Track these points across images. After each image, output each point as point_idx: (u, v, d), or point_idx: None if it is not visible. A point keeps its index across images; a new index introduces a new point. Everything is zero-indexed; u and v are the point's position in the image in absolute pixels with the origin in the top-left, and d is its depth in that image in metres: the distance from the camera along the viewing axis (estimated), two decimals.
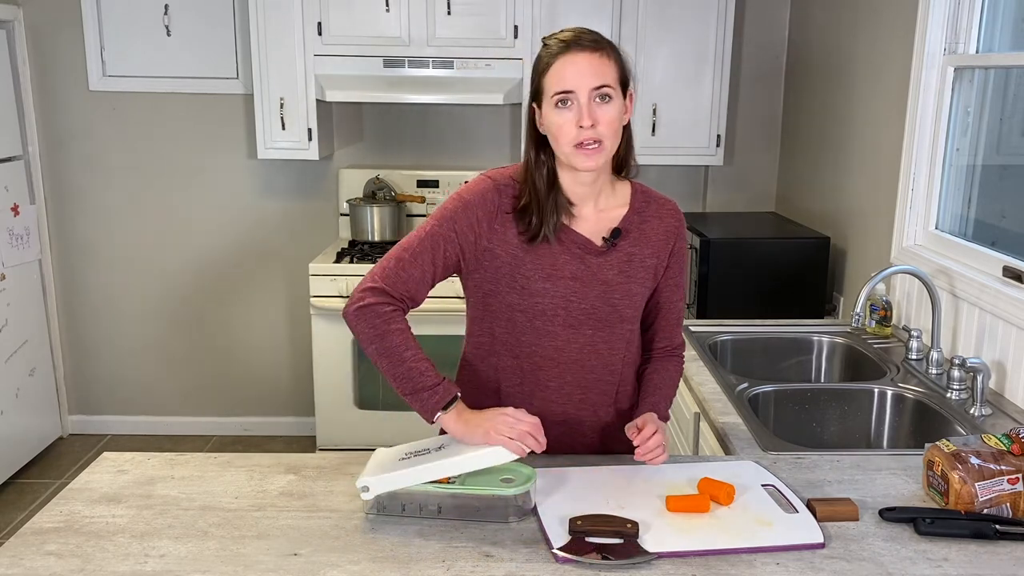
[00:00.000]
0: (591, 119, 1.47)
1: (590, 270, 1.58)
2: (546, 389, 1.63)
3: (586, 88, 1.47)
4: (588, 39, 1.49)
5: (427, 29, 3.49)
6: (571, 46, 1.48)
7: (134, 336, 4.13)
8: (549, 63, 1.50)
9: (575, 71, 1.47)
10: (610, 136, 1.50)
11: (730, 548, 1.33)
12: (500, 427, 1.43)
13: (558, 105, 1.49)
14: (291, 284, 4.07)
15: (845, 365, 2.54)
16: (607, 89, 1.48)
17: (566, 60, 1.48)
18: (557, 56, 1.49)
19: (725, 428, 1.87)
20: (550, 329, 1.59)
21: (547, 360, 1.61)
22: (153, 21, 3.80)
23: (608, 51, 1.50)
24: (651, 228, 1.63)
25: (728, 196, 3.94)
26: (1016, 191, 2.31)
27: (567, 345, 1.60)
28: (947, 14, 2.42)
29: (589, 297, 1.58)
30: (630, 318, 1.64)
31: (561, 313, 1.58)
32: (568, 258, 1.57)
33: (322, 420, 3.64)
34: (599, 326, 1.60)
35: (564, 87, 1.47)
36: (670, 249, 1.65)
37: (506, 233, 1.56)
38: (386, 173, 3.94)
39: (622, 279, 1.60)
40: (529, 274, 1.56)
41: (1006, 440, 1.49)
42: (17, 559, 1.31)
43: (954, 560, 1.32)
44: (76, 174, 3.97)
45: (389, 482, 1.41)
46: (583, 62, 1.47)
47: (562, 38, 1.50)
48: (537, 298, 1.57)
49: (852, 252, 3.02)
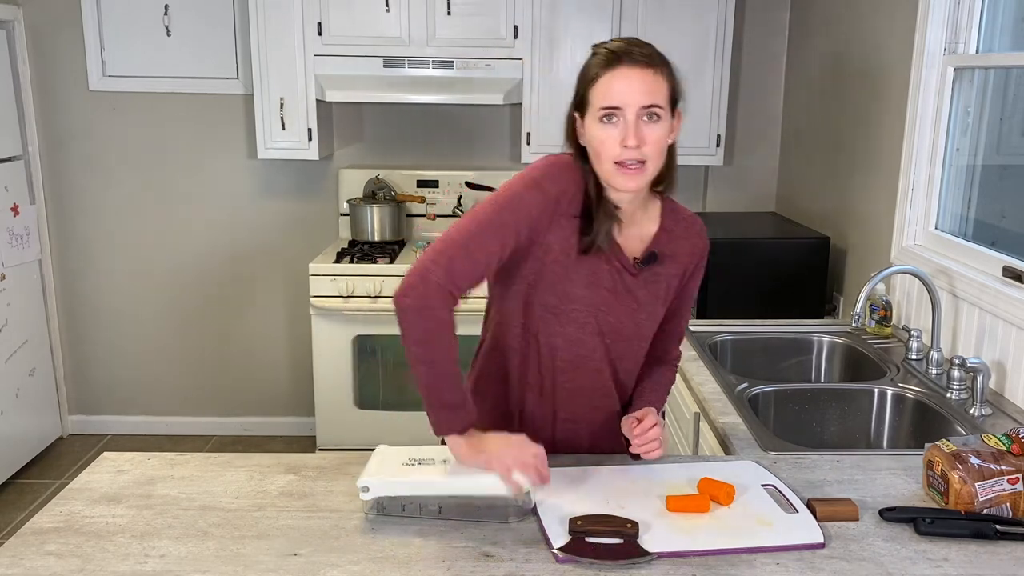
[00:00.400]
0: (636, 139, 1.40)
1: (625, 285, 1.56)
2: (563, 391, 1.63)
3: (635, 106, 1.40)
4: (641, 53, 1.41)
5: (427, 29, 3.49)
6: (623, 59, 1.41)
7: (134, 336, 4.13)
8: (598, 75, 1.43)
9: (625, 87, 1.40)
10: (654, 157, 1.43)
11: (730, 548, 1.33)
12: (503, 457, 1.40)
13: (603, 120, 1.42)
14: (291, 284, 4.07)
15: (845, 365, 2.54)
16: (657, 109, 1.41)
17: (617, 74, 1.40)
18: (607, 68, 1.42)
19: (725, 428, 1.87)
20: (580, 337, 1.57)
21: (569, 364, 1.59)
22: (153, 21, 3.80)
23: (661, 68, 1.42)
24: (679, 248, 1.61)
25: (728, 196, 3.94)
26: (1016, 191, 2.31)
27: (591, 353, 1.59)
28: (947, 14, 2.42)
29: (618, 311, 1.57)
30: (647, 336, 1.64)
31: (592, 322, 1.56)
32: (609, 269, 1.54)
33: (322, 420, 3.64)
34: (620, 339, 1.60)
35: (611, 103, 1.41)
36: (692, 269, 1.64)
37: (565, 227, 1.49)
38: (386, 173, 3.94)
39: (651, 300, 1.59)
40: (573, 278, 1.52)
41: (1006, 440, 1.49)
42: (17, 559, 1.31)
43: (954, 560, 1.32)
44: (76, 174, 3.97)
45: (389, 487, 1.41)
46: (635, 78, 1.40)
47: (613, 48, 1.43)
48: (575, 304, 1.54)
49: (852, 252, 3.02)
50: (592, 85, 1.43)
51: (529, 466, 1.40)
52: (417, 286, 1.41)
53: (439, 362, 1.43)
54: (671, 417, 2.53)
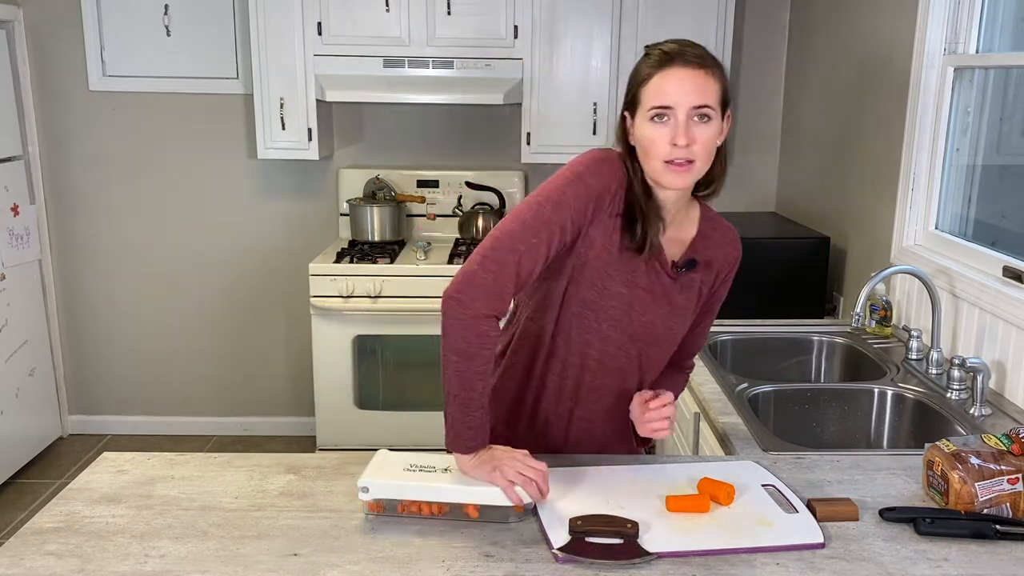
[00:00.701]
0: (687, 138, 1.41)
1: (663, 288, 1.56)
2: (587, 390, 1.62)
3: (686, 105, 1.41)
4: (693, 54, 1.42)
5: (427, 29, 3.49)
6: (675, 59, 1.41)
7: (134, 336, 4.13)
8: (650, 75, 1.43)
9: (677, 86, 1.41)
10: (703, 157, 1.44)
11: (730, 548, 1.33)
12: (506, 470, 1.40)
13: (654, 119, 1.43)
14: (291, 284, 4.07)
15: (845, 365, 2.54)
16: (707, 109, 1.42)
17: (669, 74, 1.41)
18: (659, 69, 1.42)
19: (725, 428, 1.87)
20: (612, 335, 1.56)
21: (596, 363, 1.59)
22: (153, 21, 3.80)
23: (713, 69, 1.43)
24: (714, 255, 1.61)
25: (728, 196, 3.89)
26: (1016, 191, 2.31)
27: (618, 352, 1.58)
28: (947, 14, 2.42)
29: (652, 313, 1.56)
30: (676, 341, 1.64)
31: (625, 321, 1.55)
32: (647, 269, 1.54)
33: (322, 420, 3.64)
34: (651, 342, 1.59)
35: (663, 102, 1.41)
36: (724, 276, 1.64)
37: (607, 224, 1.49)
38: (386, 173, 3.94)
39: (684, 304, 1.59)
40: (613, 275, 1.51)
41: (1006, 440, 1.49)
42: (17, 559, 1.31)
43: (954, 560, 1.32)
44: (76, 174, 3.97)
45: (389, 488, 1.41)
46: (687, 78, 1.41)
47: (666, 49, 1.43)
48: (612, 301, 1.53)
49: (852, 252, 3.02)
50: (644, 85, 1.44)
51: (530, 482, 1.40)
52: (465, 290, 1.40)
53: (472, 380, 1.42)
54: None
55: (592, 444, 1.68)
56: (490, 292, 1.40)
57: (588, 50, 3.53)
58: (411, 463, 1.49)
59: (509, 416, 1.68)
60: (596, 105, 3.56)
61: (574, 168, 1.48)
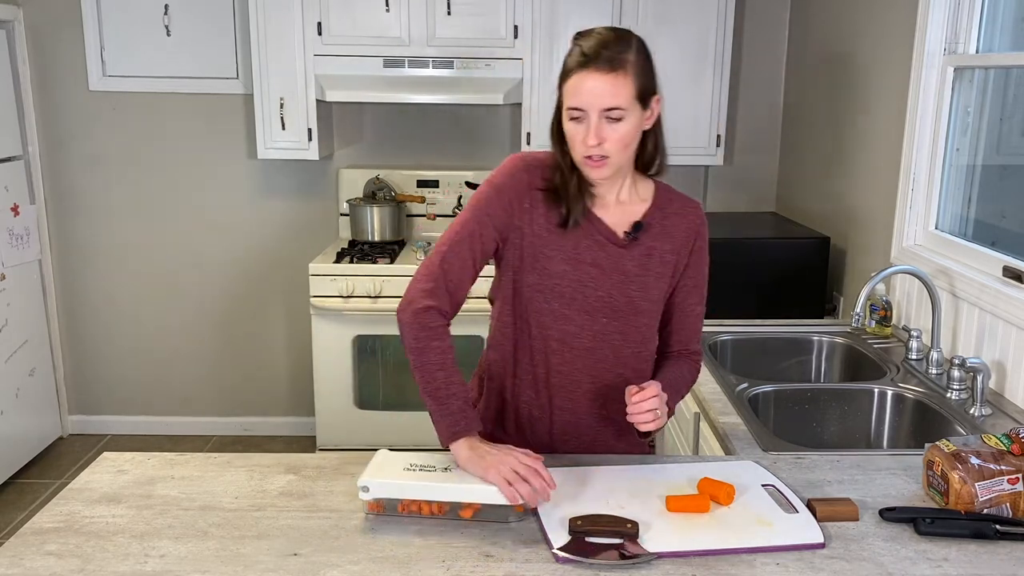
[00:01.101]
0: (597, 138, 1.48)
1: (611, 259, 1.60)
2: (558, 375, 1.64)
3: (597, 108, 1.48)
4: (607, 56, 1.47)
5: (427, 29, 3.49)
6: (589, 63, 1.47)
7: (134, 336, 4.13)
8: (568, 73, 1.51)
9: (588, 91, 1.47)
10: (616, 152, 1.51)
11: (730, 548, 1.33)
12: (503, 468, 1.41)
13: (571, 118, 1.51)
14: (291, 284, 4.07)
15: (845, 365, 2.54)
16: (617, 111, 1.48)
17: (582, 77, 1.48)
18: (575, 70, 1.49)
19: (725, 428, 1.87)
20: (566, 313, 1.60)
21: (561, 344, 1.62)
22: (153, 21, 3.80)
23: (626, 69, 1.48)
24: (673, 225, 1.65)
25: (728, 196, 3.94)
26: (1016, 191, 2.31)
27: (581, 331, 1.61)
28: (947, 14, 2.42)
29: (606, 285, 1.60)
30: (646, 311, 1.64)
31: (579, 298, 1.60)
32: (590, 244, 1.59)
33: (322, 420, 3.64)
34: (614, 316, 1.62)
35: (576, 104, 1.49)
36: (691, 247, 1.66)
37: (534, 212, 1.59)
38: (386, 173, 3.94)
39: (640, 271, 1.61)
40: (551, 255, 1.59)
41: (1006, 440, 1.49)
42: (17, 559, 1.31)
43: (954, 560, 1.32)
44: (76, 174, 3.97)
45: (389, 488, 1.42)
46: (597, 83, 1.47)
47: (585, 49, 1.49)
48: (556, 280, 1.59)
49: (852, 252, 3.02)
50: (564, 82, 1.52)
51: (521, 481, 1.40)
52: (407, 294, 1.57)
53: (431, 371, 1.51)
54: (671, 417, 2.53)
55: (580, 439, 1.68)
56: (426, 289, 1.54)
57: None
58: (411, 463, 1.49)
59: (497, 415, 1.72)
60: None
61: (491, 178, 1.61)
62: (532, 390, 1.67)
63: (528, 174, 1.60)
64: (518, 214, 1.59)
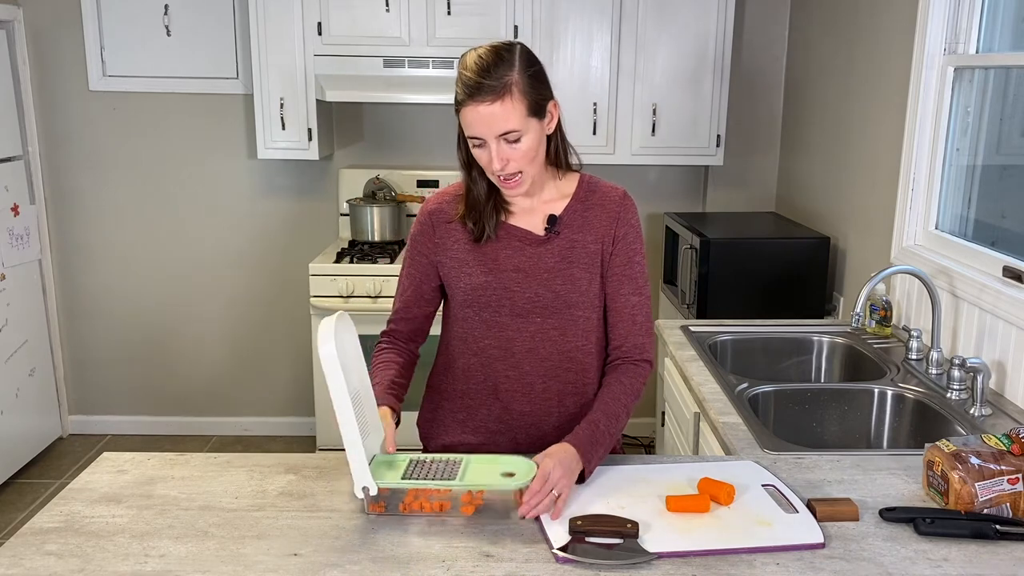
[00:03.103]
0: (501, 161, 1.53)
1: (531, 260, 1.63)
2: (506, 380, 1.68)
3: (492, 135, 1.51)
4: (488, 87, 1.48)
5: (427, 29, 3.49)
6: (473, 95, 1.49)
7: (134, 336, 4.13)
8: (460, 104, 1.52)
9: (480, 121, 1.50)
10: (526, 165, 1.55)
11: (730, 548, 1.33)
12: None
13: (474, 146, 1.55)
14: (291, 284, 4.07)
15: (845, 365, 2.54)
16: (513, 133, 1.51)
17: (471, 109, 1.50)
18: (464, 103, 1.51)
19: (725, 428, 1.87)
20: (498, 320, 1.65)
21: (501, 351, 1.67)
22: (153, 21, 3.80)
23: (511, 92, 1.49)
24: (594, 215, 1.66)
25: (728, 196, 3.94)
26: (1016, 191, 2.31)
27: (517, 335, 1.65)
28: (947, 14, 2.42)
29: (532, 286, 1.63)
30: (578, 304, 1.65)
31: (507, 304, 1.64)
32: (509, 252, 1.64)
33: (322, 420, 3.64)
34: (547, 313, 1.64)
35: (472, 134, 1.53)
36: (613, 235, 1.65)
37: (447, 241, 1.67)
38: (386, 173, 3.94)
39: (564, 265, 1.64)
40: (472, 271, 1.64)
41: (1006, 440, 1.49)
42: (17, 559, 1.31)
43: (954, 560, 1.32)
44: (76, 174, 3.97)
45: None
46: (485, 113, 1.49)
47: (467, 81, 1.50)
48: (480, 292, 1.64)
49: (852, 252, 3.02)
50: (458, 112, 1.54)
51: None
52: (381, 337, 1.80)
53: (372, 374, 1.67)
54: (671, 417, 2.53)
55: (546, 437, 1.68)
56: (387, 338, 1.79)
57: (588, 50, 3.53)
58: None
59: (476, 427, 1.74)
60: (596, 105, 3.56)
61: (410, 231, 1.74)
62: (491, 400, 1.70)
63: (431, 217, 1.68)
64: (435, 252, 1.68)
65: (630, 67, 3.54)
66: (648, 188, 3.97)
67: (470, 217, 1.64)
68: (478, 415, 1.72)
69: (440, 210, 1.69)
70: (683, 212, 3.77)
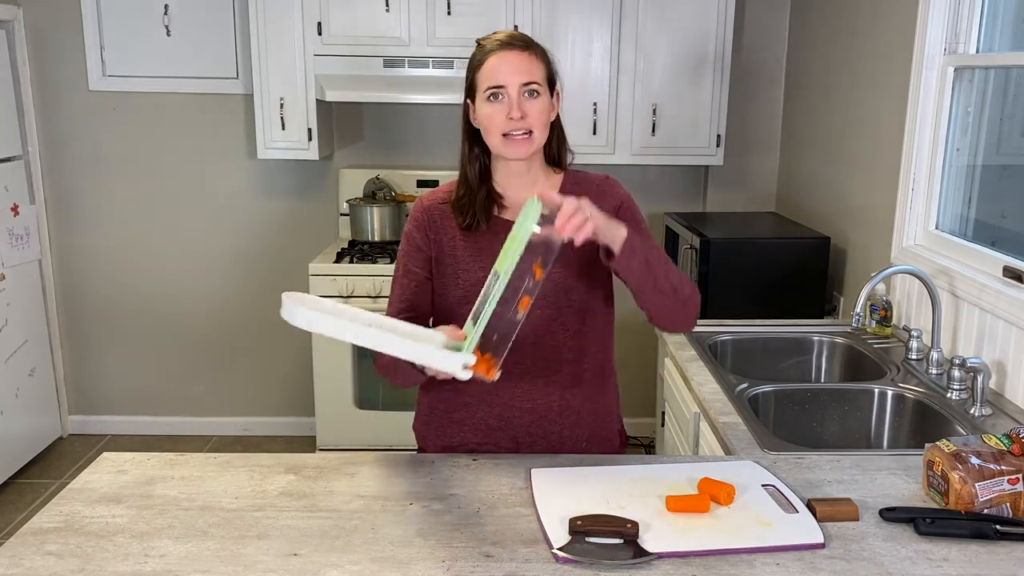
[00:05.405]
0: (520, 111, 1.58)
1: None
2: (507, 376, 1.64)
3: (516, 83, 1.58)
4: (519, 39, 1.62)
5: (427, 29, 3.49)
6: (504, 45, 1.61)
7: (134, 336, 4.13)
8: (483, 60, 1.62)
9: (507, 68, 1.59)
10: (538, 127, 1.61)
11: (730, 548, 1.33)
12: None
13: (490, 99, 1.60)
14: (291, 284, 4.06)
15: (845, 365, 2.54)
16: (535, 85, 1.60)
17: (499, 57, 1.60)
18: (490, 54, 1.61)
19: (725, 428, 1.87)
20: None
21: None
22: (153, 21, 3.80)
23: (537, 51, 1.63)
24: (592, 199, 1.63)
25: (728, 196, 3.94)
26: (1016, 191, 2.31)
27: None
28: (947, 14, 2.42)
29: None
30: (573, 288, 1.66)
31: None
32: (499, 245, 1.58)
33: (322, 420, 3.64)
34: (545, 304, 1.63)
35: (496, 82, 1.59)
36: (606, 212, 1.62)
37: (442, 237, 1.69)
38: (386, 173, 3.94)
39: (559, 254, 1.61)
40: (464, 264, 1.66)
41: (1006, 440, 1.49)
42: (17, 559, 1.31)
43: (954, 560, 1.32)
44: (76, 174, 3.97)
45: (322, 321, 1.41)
46: (514, 60, 1.59)
47: (496, 38, 1.63)
48: (473, 285, 1.62)
49: (852, 252, 3.02)
50: (478, 70, 1.63)
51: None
52: None
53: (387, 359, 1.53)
54: (671, 417, 2.53)
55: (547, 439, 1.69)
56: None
57: (588, 50, 3.53)
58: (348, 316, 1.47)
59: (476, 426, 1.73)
60: (596, 105, 3.56)
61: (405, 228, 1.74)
62: (485, 406, 1.69)
63: (425, 208, 1.71)
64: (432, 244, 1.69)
65: (630, 67, 3.54)
66: (648, 188, 3.97)
67: (462, 202, 1.66)
68: (477, 414, 1.72)
69: (434, 206, 1.72)
70: (683, 212, 3.76)
